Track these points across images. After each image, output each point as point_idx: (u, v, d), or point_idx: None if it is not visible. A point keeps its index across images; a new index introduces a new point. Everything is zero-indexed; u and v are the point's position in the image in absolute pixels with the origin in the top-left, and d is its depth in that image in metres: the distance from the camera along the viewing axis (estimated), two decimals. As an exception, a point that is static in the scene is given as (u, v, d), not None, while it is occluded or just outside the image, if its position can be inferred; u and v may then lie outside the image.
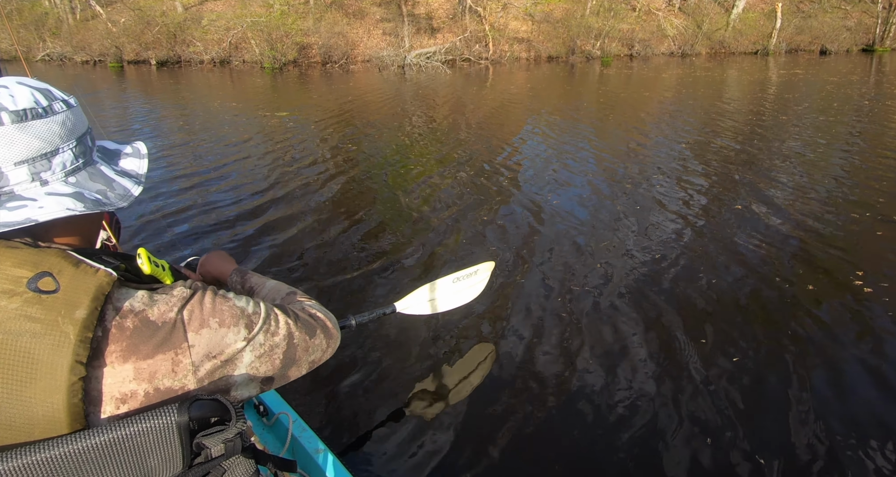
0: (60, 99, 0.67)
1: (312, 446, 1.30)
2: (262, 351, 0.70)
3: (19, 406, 0.56)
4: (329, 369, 2.44)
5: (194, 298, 0.66)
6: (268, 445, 1.37)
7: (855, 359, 2.52)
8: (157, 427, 0.59)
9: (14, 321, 0.56)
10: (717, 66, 18.85)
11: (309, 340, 0.76)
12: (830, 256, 3.57)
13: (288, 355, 0.73)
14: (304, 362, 0.76)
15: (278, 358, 0.72)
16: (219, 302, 0.68)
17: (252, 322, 0.69)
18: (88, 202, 0.65)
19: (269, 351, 0.71)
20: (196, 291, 0.67)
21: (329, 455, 1.27)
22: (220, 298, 0.69)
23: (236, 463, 0.66)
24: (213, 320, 0.66)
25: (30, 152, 0.62)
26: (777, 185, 5.16)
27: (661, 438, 2.05)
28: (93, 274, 0.60)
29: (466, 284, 2.44)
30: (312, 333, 0.78)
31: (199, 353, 0.64)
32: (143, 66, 21.18)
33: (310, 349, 0.77)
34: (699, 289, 3.18)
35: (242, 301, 0.71)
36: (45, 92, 0.66)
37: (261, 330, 0.70)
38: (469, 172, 5.87)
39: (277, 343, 0.72)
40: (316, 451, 1.28)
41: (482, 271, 2.52)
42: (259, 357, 0.70)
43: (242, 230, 4.25)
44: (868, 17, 23.66)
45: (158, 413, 0.59)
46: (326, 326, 0.82)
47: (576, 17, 22.59)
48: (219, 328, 0.66)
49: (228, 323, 0.67)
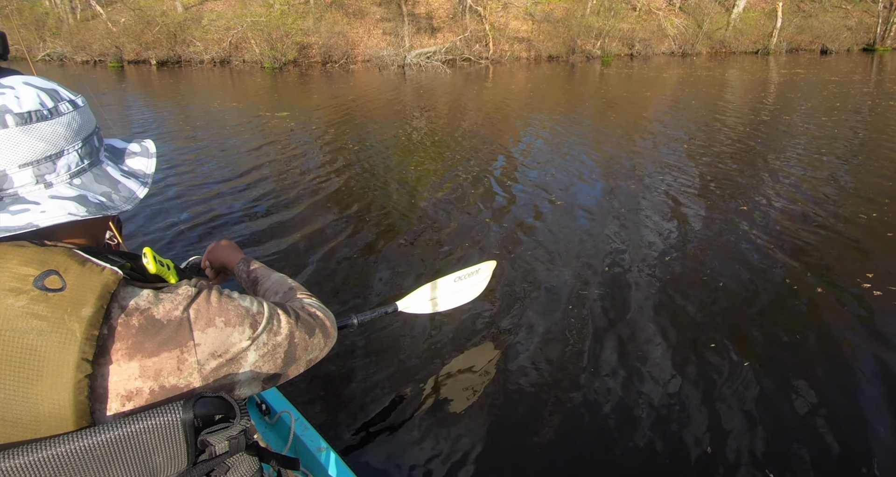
0: (67, 99, 0.67)
1: (314, 445, 1.30)
2: (265, 350, 0.70)
3: (26, 403, 0.56)
4: (331, 368, 2.45)
5: (200, 296, 0.67)
6: (270, 443, 1.38)
7: (868, 364, 2.49)
8: (163, 424, 0.59)
9: (21, 319, 0.56)
10: (717, 65, 18.84)
11: (308, 340, 0.77)
12: (838, 258, 3.55)
13: (289, 355, 0.74)
14: (302, 361, 0.77)
15: (280, 357, 0.72)
16: (224, 301, 0.68)
17: (256, 322, 0.70)
18: (91, 206, 0.65)
19: (272, 350, 0.71)
20: (202, 290, 0.68)
21: (331, 453, 1.27)
22: (225, 297, 0.69)
23: (240, 460, 0.67)
24: (219, 319, 0.66)
25: (34, 155, 0.62)
26: (784, 186, 5.15)
27: (664, 440, 2.05)
28: (99, 272, 0.60)
29: (468, 283, 2.44)
30: (312, 332, 0.78)
31: (205, 351, 0.65)
32: (144, 65, 21.17)
33: (308, 348, 0.77)
34: (704, 290, 3.17)
35: (247, 301, 0.71)
36: (52, 92, 0.65)
37: (264, 330, 0.70)
38: (470, 172, 5.87)
39: (280, 343, 0.72)
40: (318, 449, 1.28)
41: (484, 270, 2.52)
42: (262, 356, 0.70)
43: (243, 230, 4.25)
44: (869, 16, 23.64)
45: (163, 410, 0.60)
46: (325, 325, 0.82)
47: (576, 17, 22.58)
48: (224, 327, 0.67)
49: (234, 322, 0.67)
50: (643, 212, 4.50)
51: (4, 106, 0.60)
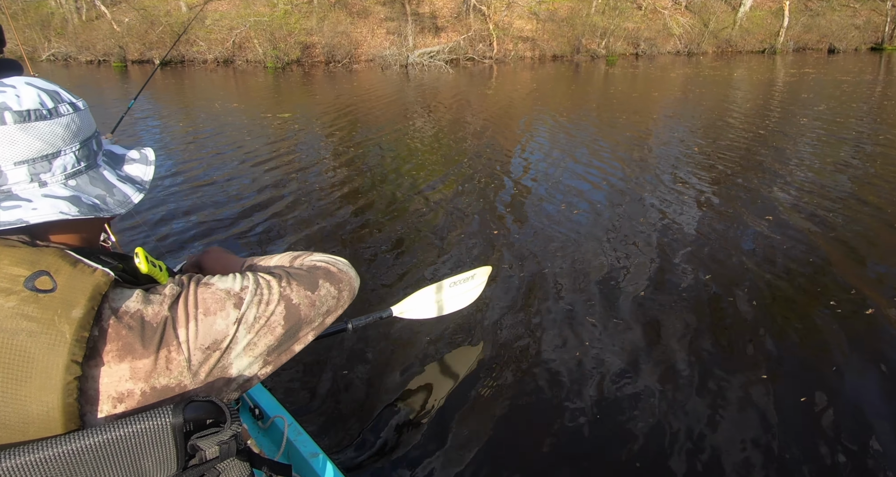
0: (68, 101, 0.67)
1: (308, 450, 1.28)
2: (259, 325, 0.69)
3: (14, 405, 0.56)
4: (325, 372, 2.43)
5: (182, 294, 0.67)
6: (263, 448, 1.36)
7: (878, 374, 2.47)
8: (152, 428, 0.59)
9: (10, 320, 0.56)
10: (724, 65, 18.74)
11: (312, 295, 0.75)
12: (852, 264, 3.48)
13: (291, 319, 0.72)
14: (316, 318, 0.75)
15: (279, 325, 0.71)
16: (201, 292, 0.68)
17: (240, 299, 0.68)
18: (84, 207, 0.65)
19: (266, 322, 0.70)
20: (183, 288, 0.67)
21: (324, 459, 1.25)
22: (202, 286, 0.68)
23: (231, 466, 0.66)
24: (199, 311, 0.66)
25: (30, 153, 0.62)
26: (799, 191, 5.05)
27: (666, 443, 2.03)
28: (90, 274, 0.60)
29: (463, 288, 2.44)
30: (314, 285, 0.76)
31: (191, 347, 0.64)
32: (147, 65, 21.25)
33: (317, 303, 0.75)
34: (710, 296, 3.13)
35: (228, 281, 0.70)
36: (53, 94, 0.66)
37: (251, 303, 0.69)
38: (471, 176, 5.85)
39: (273, 311, 0.71)
40: (311, 455, 1.27)
41: (479, 276, 2.51)
42: (257, 332, 0.69)
43: (241, 231, 4.25)
44: (877, 15, 23.46)
45: (153, 414, 0.59)
46: (330, 272, 0.80)
47: (581, 16, 22.53)
48: (205, 318, 0.66)
49: (214, 310, 0.67)
50: (650, 214, 4.46)
51: (4, 103, 0.61)
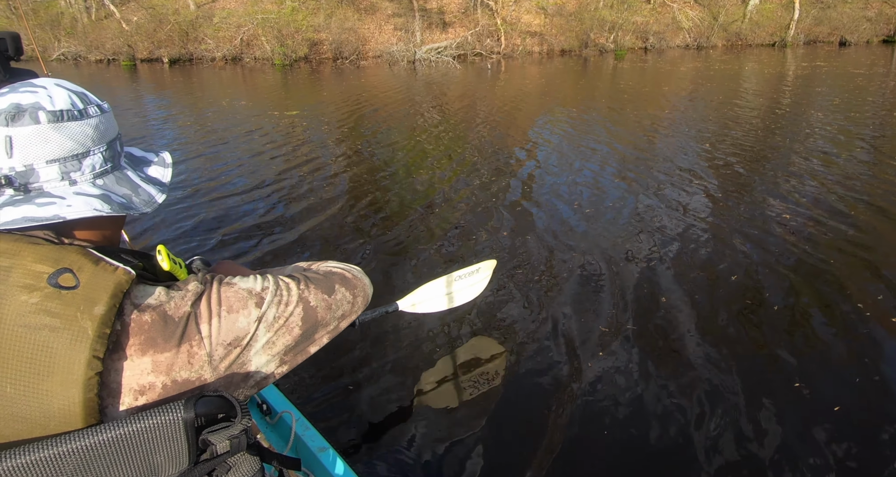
0: (95, 103, 0.70)
1: (316, 445, 1.30)
2: (278, 324, 0.71)
3: (36, 399, 0.57)
4: (332, 367, 2.45)
5: (204, 292, 0.68)
6: (272, 443, 1.38)
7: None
8: (164, 423, 0.60)
9: (33, 315, 0.57)
10: (734, 58, 18.53)
11: (329, 298, 0.77)
12: (876, 266, 3.41)
13: (308, 320, 0.74)
14: (332, 321, 0.78)
15: (297, 326, 0.73)
16: (224, 290, 0.69)
17: (262, 299, 0.70)
18: (115, 205, 0.67)
19: (285, 322, 0.72)
20: (206, 285, 0.69)
21: (332, 453, 1.26)
22: (225, 285, 0.70)
23: (241, 460, 0.66)
24: (222, 309, 0.68)
25: (62, 152, 0.65)
26: (816, 188, 4.98)
27: (672, 441, 2.03)
28: (112, 272, 0.61)
29: (468, 281, 2.44)
30: (330, 290, 0.78)
31: (213, 342, 0.66)
32: (156, 64, 21.38)
33: (333, 306, 0.78)
34: (720, 291, 3.11)
35: (249, 281, 0.72)
36: (82, 95, 0.69)
37: (271, 303, 0.71)
38: (478, 170, 5.84)
39: (292, 312, 0.72)
40: (319, 449, 1.28)
41: (484, 269, 2.51)
42: (276, 331, 0.71)
43: (248, 228, 4.27)
44: (889, 7, 23.07)
45: (165, 409, 0.60)
46: (346, 278, 0.82)
47: (589, 10, 22.35)
48: (228, 315, 0.68)
49: (237, 308, 0.68)
50: (659, 209, 4.44)
51: (38, 103, 0.63)
